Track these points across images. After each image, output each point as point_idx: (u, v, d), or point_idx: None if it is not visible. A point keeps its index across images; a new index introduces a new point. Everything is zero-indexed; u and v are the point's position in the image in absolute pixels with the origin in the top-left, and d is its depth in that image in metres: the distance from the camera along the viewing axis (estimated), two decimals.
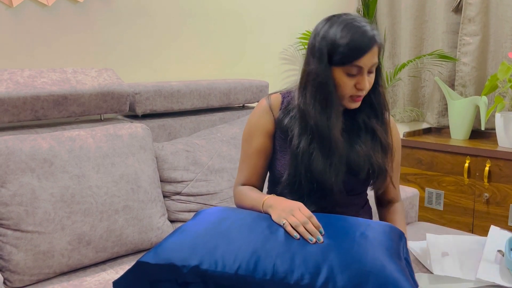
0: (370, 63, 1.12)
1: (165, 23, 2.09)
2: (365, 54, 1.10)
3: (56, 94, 1.57)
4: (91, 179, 1.43)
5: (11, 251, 1.30)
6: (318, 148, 1.16)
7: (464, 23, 2.55)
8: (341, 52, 1.10)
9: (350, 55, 1.10)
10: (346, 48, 1.10)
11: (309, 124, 1.16)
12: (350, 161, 1.19)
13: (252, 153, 1.25)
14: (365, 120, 1.23)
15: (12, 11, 1.66)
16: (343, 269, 0.91)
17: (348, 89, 1.15)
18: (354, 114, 1.24)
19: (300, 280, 0.90)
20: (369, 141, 1.22)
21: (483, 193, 2.31)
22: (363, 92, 1.15)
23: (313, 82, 1.16)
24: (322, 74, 1.13)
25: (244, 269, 0.93)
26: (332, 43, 1.11)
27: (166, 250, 0.99)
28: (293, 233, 1.00)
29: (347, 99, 1.17)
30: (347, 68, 1.12)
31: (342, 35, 1.11)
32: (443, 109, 2.74)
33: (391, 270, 0.93)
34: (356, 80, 1.14)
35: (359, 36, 1.10)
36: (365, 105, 1.23)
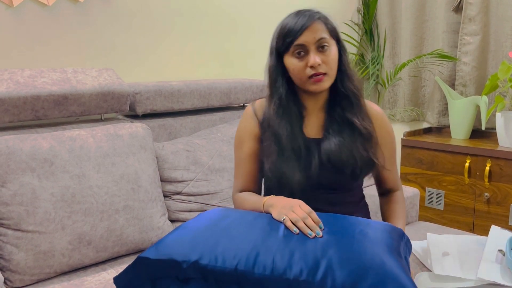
0: (313, 39, 1.16)
1: (165, 23, 2.09)
2: (303, 31, 1.15)
3: (57, 94, 1.57)
4: (92, 178, 1.43)
5: (12, 251, 1.30)
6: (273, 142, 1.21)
7: (465, 22, 2.55)
8: (282, 37, 1.18)
9: (288, 36, 1.16)
10: (284, 32, 1.17)
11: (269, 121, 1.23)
12: (332, 157, 1.19)
13: (244, 158, 1.27)
14: (340, 113, 1.23)
15: (13, 10, 1.66)
16: (342, 265, 0.91)
17: (302, 70, 1.17)
18: (331, 107, 1.26)
19: (299, 276, 0.91)
20: (349, 134, 1.21)
21: (483, 193, 2.31)
22: (317, 69, 1.16)
23: (269, 75, 1.23)
24: (272, 66, 1.22)
25: (244, 264, 0.93)
26: (276, 35, 1.20)
27: (167, 246, 0.99)
28: (292, 228, 1.01)
29: (307, 82, 1.18)
30: (292, 51, 1.17)
31: (284, 23, 1.19)
32: (443, 108, 2.74)
33: (391, 266, 0.93)
34: (306, 60, 1.17)
35: (294, 18, 1.18)
36: (339, 96, 1.24)
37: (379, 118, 1.29)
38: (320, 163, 1.19)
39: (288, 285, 0.91)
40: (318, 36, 1.15)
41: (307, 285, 0.90)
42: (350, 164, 1.19)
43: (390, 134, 1.31)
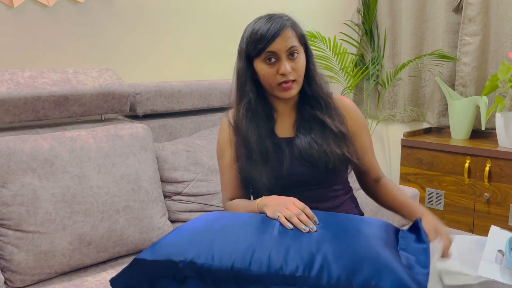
0: (284, 47, 1.17)
1: (165, 24, 2.09)
2: (275, 39, 1.17)
3: (57, 95, 1.57)
4: (92, 179, 1.43)
5: (12, 251, 1.30)
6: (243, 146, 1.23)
7: (465, 23, 2.55)
8: (253, 43, 1.19)
9: (261, 42, 1.17)
10: (255, 37, 1.18)
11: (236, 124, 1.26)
12: (304, 154, 1.22)
13: (227, 166, 1.29)
14: (310, 112, 1.26)
15: (13, 11, 1.66)
16: (337, 258, 0.92)
17: (272, 77, 1.20)
18: (301, 107, 1.28)
19: (295, 271, 0.91)
20: (320, 131, 1.24)
21: (483, 193, 2.31)
22: (287, 76, 1.19)
23: (237, 78, 1.26)
24: (240, 69, 1.24)
25: (240, 262, 0.94)
26: (247, 39, 1.21)
27: (163, 247, 1.00)
28: (286, 224, 1.02)
29: (277, 89, 1.21)
30: (263, 57, 1.19)
31: (254, 28, 1.20)
32: (443, 109, 2.74)
33: (386, 258, 0.94)
34: (277, 67, 1.19)
35: (266, 24, 1.18)
36: (308, 97, 1.27)
37: (352, 111, 1.32)
38: (293, 160, 1.22)
39: (285, 281, 0.92)
40: (289, 44, 1.18)
41: (303, 280, 0.91)
42: (322, 159, 1.21)
43: (365, 124, 1.35)
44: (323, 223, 1.03)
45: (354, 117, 1.31)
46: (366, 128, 1.34)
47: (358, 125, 1.31)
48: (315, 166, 1.21)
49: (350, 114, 1.30)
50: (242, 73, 1.24)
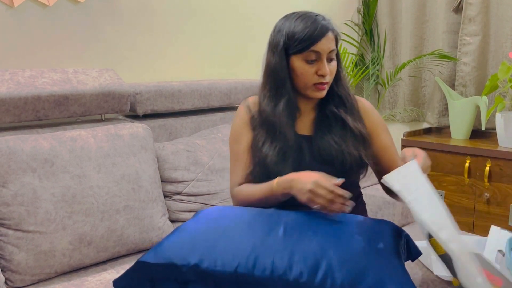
0: (327, 48, 1.18)
1: (166, 23, 2.09)
2: (321, 39, 1.16)
3: (57, 94, 1.57)
4: (92, 179, 1.43)
5: (13, 251, 1.30)
6: (266, 136, 1.21)
7: (465, 23, 2.55)
8: (297, 39, 1.17)
9: (306, 40, 1.16)
10: (301, 35, 1.17)
11: (262, 116, 1.23)
12: (322, 152, 1.21)
13: (243, 151, 1.27)
14: (333, 110, 1.26)
15: (13, 11, 1.66)
16: (341, 266, 0.91)
17: (310, 76, 1.19)
18: (323, 106, 1.28)
19: (299, 277, 0.91)
20: (340, 131, 1.24)
21: (483, 193, 2.31)
22: (325, 78, 1.19)
23: (268, 73, 1.23)
24: (275, 63, 1.21)
25: (244, 266, 0.93)
26: (288, 34, 1.19)
27: (166, 249, 0.99)
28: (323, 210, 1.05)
29: (311, 88, 1.21)
30: (305, 55, 1.18)
31: (297, 25, 1.18)
32: (443, 109, 2.74)
33: (390, 266, 0.93)
34: (317, 67, 1.19)
35: (313, 23, 1.17)
36: (332, 96, 1.27)
37: (370, 111, 1.33)
38: (310, 158, 1.21)
39: (288, 286, 0.92)
40: (331, 47, 1.19)
41: (307, 286, 0.91)
42: (339, 159, 1.20)
43: (383, 123, 1.36)
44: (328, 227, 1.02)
45: (372, 117, 1.32)
46: (385, 128, 1.35)
47: (377, 125, 1.32)
48: (332, 165, 1.21)
49: (368, 114, 1.31)
50: (279, 69, 1.21)
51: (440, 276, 1.25)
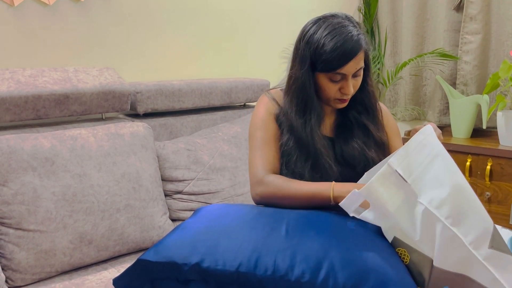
0: (354, 70, 1.16)
1: (166, 22, 2.09)
2: (348, 63, 1.14)
3: (58, 93, 1.57)
4: (93, 178, 1.43)
5: (13, 250, 1.30)
6: (299, 152, 1.19)
7: (466, 21, 2.54)
8: (324, 60, 1.14)
9: (333, 63, 1.13)
10: (329, 56, 1.13)
11: (291, 126, 1.21)
12: (345, 155, 1.21)
13: (270, 139, 1.23)
14: (355, 116, 1.27)
15: (14, 10, 1.66)
16: (344, 266, 0.91)
17: (332, 93, 1.19)
18: (345, 111, 1.28)
19: (300, 277, 0.90)
20: (362, 136, 1.25)
21: (484, 192, 2.31)
22: (347, 96, 1.20)
23: (294, 87, 1.20)
24: (303, 79, 1.18)
25: (245, 266, 0.93)
26: (315, 50, 1.15)
27: (167, 248, 0.99)
28: None
29: (333, 101, 1.22)
30: (330, 75, 1.16)
31: (326, 42, 1.13)
32: (444, 107, 2.74)
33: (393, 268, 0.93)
34: (341, 85, 1.18)
35: (343, 44, 1.12)
36: (356, 103, 1.27)
37: (386, 115, 1.34)
38: (334, 161, 1.21)
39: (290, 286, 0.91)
40: (359, 66, 1.16)
41: (309, 286, 0.90)
42: (362, 162, 1.21)
43: (397, 128, 1.37)
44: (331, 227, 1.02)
45: (387, 121, 1.33)
46: (398, 132, 1.36)
47: (391, 129, 1.33)
48: (353, 168, 1.21)
49: (385, 118, 1.32)
50: (308, 86, 1.18)
51: None
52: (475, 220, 0.95)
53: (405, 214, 0.97)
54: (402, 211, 0.98)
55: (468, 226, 0.94)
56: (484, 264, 0.93)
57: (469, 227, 0.94)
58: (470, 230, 0.93)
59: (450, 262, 0.94)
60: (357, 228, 1.03)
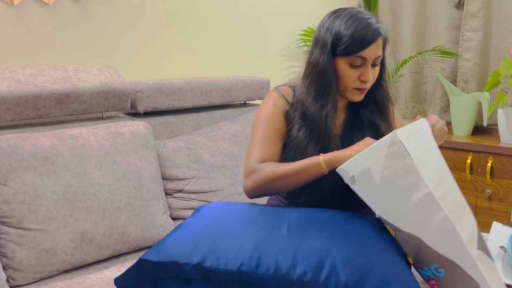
0: (374, 55, 1.15)
1: (166, 21, 2.08)
2: (370, 45, 1.13)
3: (58, 92, 1.57)
4: (93, 177, 1.43)
5: (14, 249, 1.31)
6: (310, 137, 1.18)
7: (466, 18, 2.54)
8: (345, 42, 1.13)
9: (355, 45, 1.13)
10: (350, 38, 1.13)
11: (305, 113, 1.19)
12: None
13: (272, 134, 1.22)
14: (368, 115, 1.25)
15: (13, 9, 1.66)
16: (346, 264, 0.91)
17: (352, 80, 1.17)
18: (357, 110, 1.26)
19: (303, 276, 0.90)
20: (371, 136, 1.23)
21: (485, 189, 2.30)
22: (366, 84, 1.18)
23: (314, 71, 1.19)
24: (323, 63, 1.16)
25: (247, 265, 0.93)
26: (336, 34, 1.15)
27: (168, 248, 0.99)
28: None
29: (350, 91, 1.20)
30: (351, 59, 1.15)
31: (347, 26, 1.14)
32: (445, 105, 2.73)
33: (395, 266, 0.93)
34: (360, 72, 1.16)
35: (364, 27, 1.13)
36: (369, 101, 1.25)
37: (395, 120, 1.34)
38: None
39: (292, 285, 0.91)
40: (379, 53, 1.16)
41: (311, 285, 0.90)
42: None
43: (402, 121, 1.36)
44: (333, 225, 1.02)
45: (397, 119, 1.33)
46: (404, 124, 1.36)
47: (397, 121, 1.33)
48: None
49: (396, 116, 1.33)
50: (328, 71, 1.17)
51: None
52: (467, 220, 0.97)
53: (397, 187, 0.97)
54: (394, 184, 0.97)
55: (463, 224, 0.95)
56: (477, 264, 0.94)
57: (464, 226, 0.95)
58: (465, 229, 0.95)
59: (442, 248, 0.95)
60: (359, 226, 1.03)
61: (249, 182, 1.16)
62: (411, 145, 0.96)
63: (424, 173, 0.95)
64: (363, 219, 1.07)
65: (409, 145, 0.96)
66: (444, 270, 0.97)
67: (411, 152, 0.96)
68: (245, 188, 1.18)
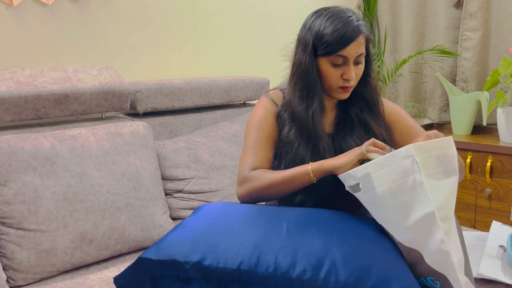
0: (355, 53, 1.16)
1: (165, 21, 2.09)
2: (349, 44, 1.14)
3: (57, 93, 1.57)
4: (93, 177, 1.43)
5: (14, 250, 1.31)
6: (300, 137, 1.19)
7: (465, 18, 2.54)
8: (325, 42, 1.15)
9: (335, 45, 1.14)
10: (330, 38, 1.14)
11: (294, 114, 1.21)
12: (344, 151, 1.19)
13: (263, 140, 1.23)
14: (357, 113, 1.26)
15: (13, 10, 1.66)
16: (345, 263, 0.91)
17: (335, 79, 1.18)
18: (347, 108, 1.27)
19: (302, 274, 0.91)
20: (363, 134, 1.24)
21: (485, 189, 2.31)
22: (350, 82, 1.18)
23: (298, 72, 1.20)
24: (306, 63, 1.18)
25: (247, 263, 0.93)
26: (317, 34, 1.16)
27: (168, 246, 0.99)
28: None
29: (335, 90, 1.21)
30: (332, 58, 1.16)
31: (327, 26, 1.15)
32: (444, 104, 2.74)
33: (394, 264, 0.93)
34: (342, 71, 1.17)
35: (343, 26, 1.14)
36: (357, 99, 1.26)
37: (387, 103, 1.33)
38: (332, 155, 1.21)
39: (291, 284, 0.91)
40: (360, 51, 1.17)
41: (310, 283, 0.90)
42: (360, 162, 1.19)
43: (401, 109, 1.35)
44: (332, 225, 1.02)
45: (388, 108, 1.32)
46: (404, 112, 1.35)
47: (395, 112, 1.32)
48: None
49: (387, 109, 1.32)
50: (310, 70, 1.18)
51: None
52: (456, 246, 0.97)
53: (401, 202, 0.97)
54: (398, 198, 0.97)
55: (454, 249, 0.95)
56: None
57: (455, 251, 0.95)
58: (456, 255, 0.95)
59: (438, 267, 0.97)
60: (358, 225, 1.04)
61: (241, 190, 1.19)
62: (426, 162, 0.95)
63: (432, 192, 0.94)
64: (362, 219, 1.07)
65: (424, 161, 0.94)
66: (439, 282, 0.99)
67: (423, 169, 0.94)
68: (238, 196, 1.21)
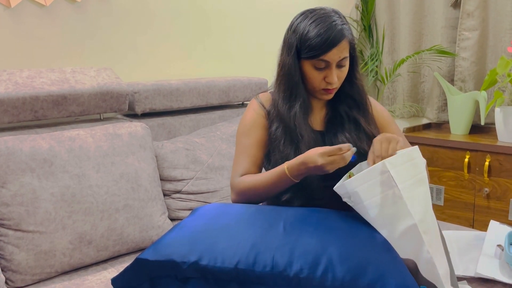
0: (338, 58, 1.18)
1: (163, 22, 2.09)
2: (331, 49, 1.16)
3: (55, 94, 1.57)
4: (91, 178, 1.43)
5: (13, 251, 1.31)
6: (285, 137, 1.22)
7: (463, 18, 2.55)
8: (308, 46, 1.17)
9: (317, 49, 1.16)
10: (313, 42, 1.16)
11: (278, 113, 1.24)
12: None
13: (252, 145, 1.27)
14: (346, 110, 1.29)
15: (10, 11, 1.66)
16: (342, 261, 0.92)
17: (317, 82, 1.21)
18: (336, 106, 1.29)
19: (299, 272, 0.91)
20: (353, 130, 1.26)
21: (483, 188, 2.31)
22: (332, 85, 1.21)
23: (282, 73, 1.24)
24: (289, 65, 1.21)
25: (244, 263, 0.93)
26: (301, 37, 1.18)
27: (165, 246, 0.99)
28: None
29: (318, 92, 1.24)
30: (315, 62, 1.19)
31: (310, 29, 1.17)
32: (442, 104, 2.74)
33: (391, 262, 0.94)
34: (325, 74, 1.20)
35: (326, 31, 1.16)
36: (345, 97, 1.29)
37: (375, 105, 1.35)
38: None
39: (288, 282, 0.92)
40: (342, 55, 1.19)
41: (307, 281, 0.91)
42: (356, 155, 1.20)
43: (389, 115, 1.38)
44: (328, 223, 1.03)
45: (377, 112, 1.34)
46: (392, 119, 1.38)
47: (383, 116, 1.35)
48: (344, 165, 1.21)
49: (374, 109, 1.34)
50: (293, 72, 1.22)
51: None
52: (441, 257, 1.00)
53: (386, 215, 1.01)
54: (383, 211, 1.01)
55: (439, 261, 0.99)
56: None
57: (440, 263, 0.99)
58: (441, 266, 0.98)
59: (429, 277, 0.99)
60: (354, 224, 1.04)
61: (232, 196, 1.25)
62: (399, 176, 1.00)
63: (411, 204, 0.99)
64: (358, 218, 1.07)
65: (398, 175, 1.00)
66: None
67: (399, 182, 0.99)
68: (231, 201, 1.25)
